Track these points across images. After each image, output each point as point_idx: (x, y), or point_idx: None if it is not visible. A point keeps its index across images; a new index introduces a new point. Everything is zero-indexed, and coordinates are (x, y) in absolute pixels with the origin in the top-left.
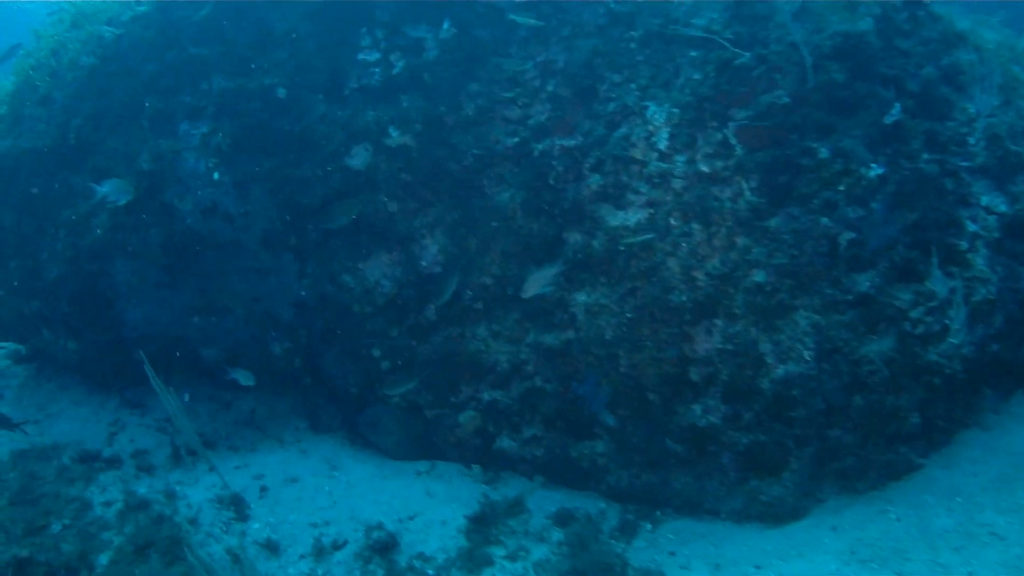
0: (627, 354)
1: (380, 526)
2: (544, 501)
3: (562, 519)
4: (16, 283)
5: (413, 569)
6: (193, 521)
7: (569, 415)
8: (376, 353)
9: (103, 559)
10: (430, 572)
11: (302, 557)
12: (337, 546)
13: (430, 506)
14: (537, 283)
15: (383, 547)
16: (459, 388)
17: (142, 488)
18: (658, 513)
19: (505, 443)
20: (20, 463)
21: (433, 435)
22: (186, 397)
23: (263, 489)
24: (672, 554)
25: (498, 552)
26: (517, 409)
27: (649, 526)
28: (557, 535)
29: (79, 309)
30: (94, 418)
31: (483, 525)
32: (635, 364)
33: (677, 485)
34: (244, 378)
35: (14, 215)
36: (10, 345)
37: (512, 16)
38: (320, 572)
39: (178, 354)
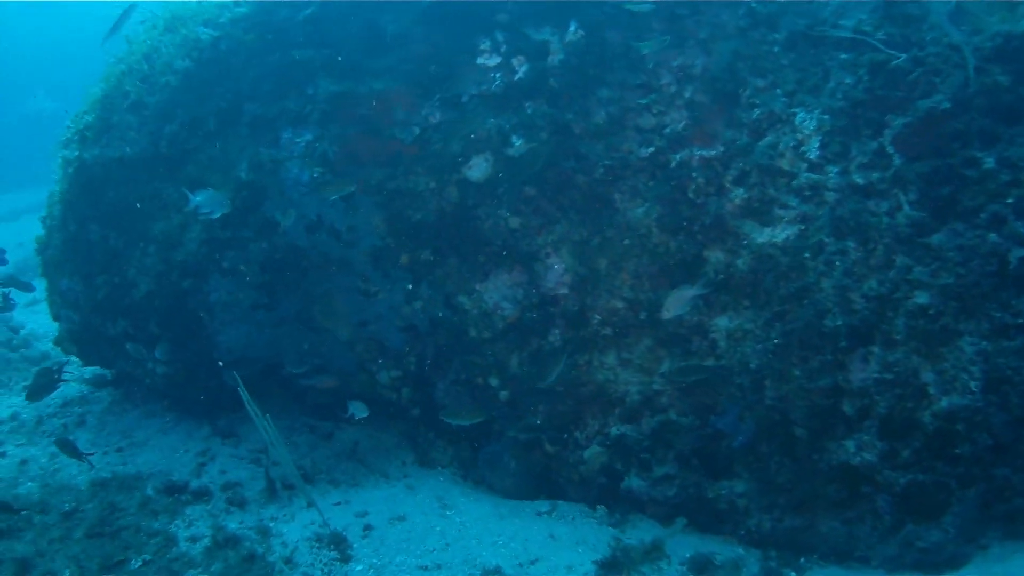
0: (774, 384)
1: (498, 571)
2: (676, 546)
3: (699, 566)
4: (102, 300)
5: None
6: (288, 561)
7: (706, 452)
8: (494, 382)
9: None
10: None
11: None
12: None
13: (554, 550)
14: (679, 303)
15: None
16: (585, 421)
17: (232, 523)
18: (802, 560)
19: (634, 482)
20: (100, 493)
21: (555, 472)
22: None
23: (367, 528)
24: None
25: None
26: (648, 445)
27: (794, 575)
28: None
29: (169, 330)
30: (182, 447)
31: (614, 571)
32: (782, 395)
33: (824, 530)
34: (359, 410)
35: (101, 228)
36: (95, 369)
37: (628, 6)
38: None
39: (275, 381)
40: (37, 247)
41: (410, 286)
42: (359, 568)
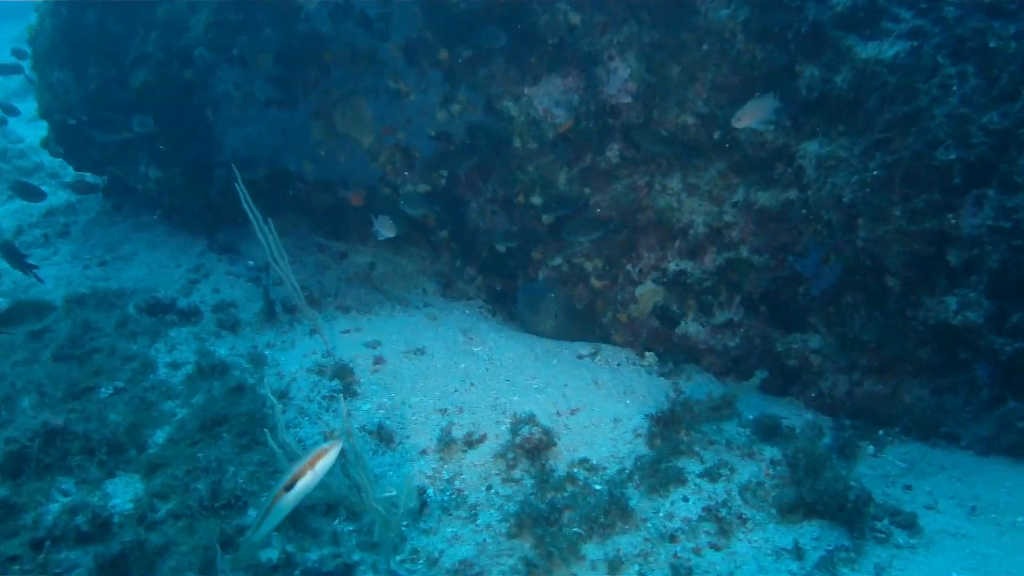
0: (868, 224)
1: (531, 420)
2: (741, 406)
3: (765, 430)
4: (93, 94)
5: (575, 480)
6: (283, 395)
7: (779, 298)
8: (537, 201)
9: (159, 436)
10: (598, 487)
11: (424, 453)
12: (472, 442)
13: (597, 399)
14: (754, 112)
15: (535, 447)
16: (639, 253)
17: (222, 349)
18: (881, 433)
19: (691, 327)
20: (75, 311)
21: (599, 312)
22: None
23: (378, 361)
24: (908, 488)
25: (692, 467)
26: (711, 286)
27: (872, 448)
28: (769, 451)
29: (168, 128)
30: (173, 262)
31: (671, 429)
32: (877, 238)
33: (909, 399)
34: (386, 228)
35: (97, 11)
36: (88, 177)
37: None
38: (447, 474)
39: (284, 191)
40: (28, 36)
41: (448, 88)
42: (366, 407)
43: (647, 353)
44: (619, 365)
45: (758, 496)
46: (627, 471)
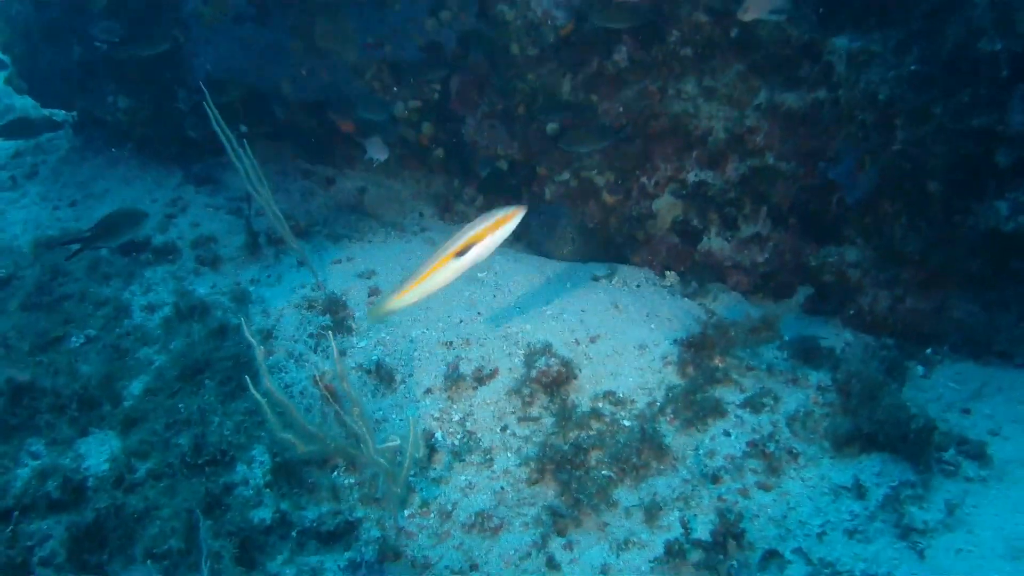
0: (907, 124)
1: (548, 350)
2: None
3: (804, 352)
4: (55, 21)
5: (600, 416)
6: (269, 335)
7: (811, 208)
8: (540, 113)
9: (136, 387)
10: (627, 423)
11: (429, 392)
12: (482, 378)
13: (618, 325)
14: (762, 3)
15: (553, 381)
16: (655, 164)
17: (202, 287)
18: (929, 351)
19: (714, 243)
20: (43, 256)
21: (613, 229)
22: None
23: (374, 292)
24: (966, 412)
25: (730, 396)
26: (734, 197)
27: (921, 369)
28: (816, 376)
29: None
30: (148, 197)
31: (703, 355)
32: (917, 139)
33: (958, 314)
34: (376, 150)
35: None
36: (58, 113)
37: None
38: (456, 415)
39: (263, 115)
40: None
41: None
42: (362, 344)
43: (668, 272)
44: (639, 286)
45: (808, 427)
46: (659, 404)
